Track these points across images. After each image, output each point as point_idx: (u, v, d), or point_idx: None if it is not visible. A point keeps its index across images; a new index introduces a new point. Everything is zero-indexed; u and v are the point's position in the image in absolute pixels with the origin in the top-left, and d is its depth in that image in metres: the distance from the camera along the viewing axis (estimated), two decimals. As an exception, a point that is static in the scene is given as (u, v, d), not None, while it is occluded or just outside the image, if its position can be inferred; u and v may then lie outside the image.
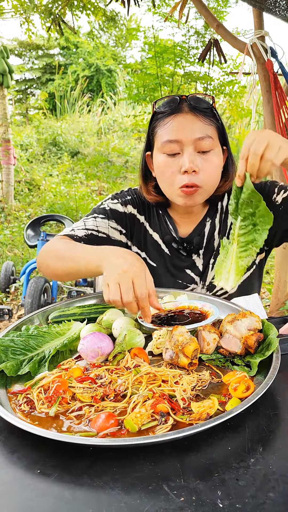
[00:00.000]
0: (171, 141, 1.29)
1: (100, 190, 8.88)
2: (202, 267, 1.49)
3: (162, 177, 1.34)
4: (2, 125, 7.38)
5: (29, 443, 0.73)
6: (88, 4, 4.26)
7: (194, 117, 1.30)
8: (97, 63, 14.03)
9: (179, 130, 1.28)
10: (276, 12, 2.15)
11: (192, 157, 1.27)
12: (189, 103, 1.31)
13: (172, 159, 1.30)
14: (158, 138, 1.34)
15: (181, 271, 1.48)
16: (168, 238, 1.48)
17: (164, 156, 1.31)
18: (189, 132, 1.28)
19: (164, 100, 1.36)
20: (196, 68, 5.86)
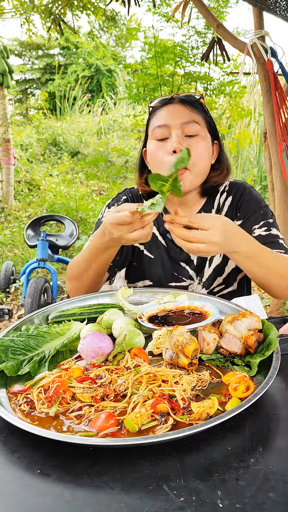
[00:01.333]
0: (160, 126, 1.38)
1: (100, 190, 8.88)
2: (197, 261, 1.50)
3: (153, 161, 1.41)
4: (2, 125, 7.38)
5: (29, 443, 0.73)
6: (88, 4, 4.26)
7: (182, 105, 1.40)
8: (97, 63, 14.04)
9: (167, 117, 1.39)
10: (277, 12, 2.15)
11: (179, 138, 1.35)
12: (179, 98, 1.42)
13: (162, 143, 1.38)
14: (150, 128, 1.44)
15: (177, 264, 1.51)
16: (163, 229, 1.51)
17: (155, 141, 1.40)
18: (176, 117, 1.37)
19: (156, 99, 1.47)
20: (197, 68, 5.85)
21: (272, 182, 2.92)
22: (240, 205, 1.48)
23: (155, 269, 1.52)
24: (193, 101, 1.42)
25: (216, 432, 0.74)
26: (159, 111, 1.42)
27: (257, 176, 8.09)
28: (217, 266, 1.49)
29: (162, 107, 1.42)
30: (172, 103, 1.41)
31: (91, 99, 13.72)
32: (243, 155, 8.52)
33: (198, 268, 1.50)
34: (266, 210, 1.47)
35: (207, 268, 1.50)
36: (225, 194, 1.52)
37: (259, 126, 8.12)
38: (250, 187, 1.53)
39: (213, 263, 1.50)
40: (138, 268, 1.55)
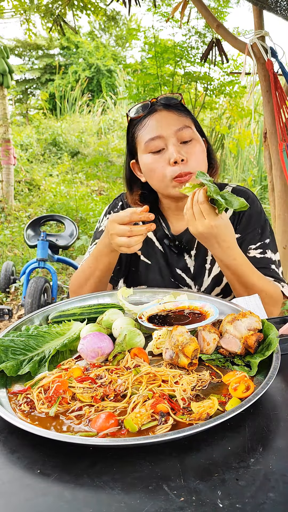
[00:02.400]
0: (153, 138, 1.34)
1: (100, 190, 8.89)
2: (194, 269, 1.48)
3: (152, 174, 1.37)
4: (2, 125, 7.38)
5: (29, 443, 0.73)
6: (88, 4, 4.26)
7: (169, 112, 1.36)
8: (97, 63, 14.04)
9: (158, 127, 1.34)
10: (277, 11, 2.15)
11: (177, 147, 1.32)
12: (160, 103, 1.38)
13: (159, 155, 1.34)
14: (140, 141, 1.38)
15: (173, 271, 1.49)
16: (161, 235, 1.51)
17: (150, 155, 1.35)
18: (168, 126, 1.34)
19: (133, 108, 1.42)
20: (197, 68, 5.86)
21: (272, 182, 2.92)
22: (241, 219, 1.46)
23: (152, 275, 1.51)
24: (177, 104, 1.39)
25: (216, 432, 0.74)
26: (146, 122, 1.37)
27: (257, 176, 8.09)
28: (216, 276, 1.48)
29: (147, 116, 1.37)
30: (157, 111, 1.37)
31: (91, 99, 13.72)
32: (243, 155, 8.52)
33: (195, 277, 1.49)
34: (265, 227, 1.46)
35: (206, 277, 1.48)
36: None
37: (259, 126, 8.12)
38: (252, 197, 1.50)
39: (212, 273, 1.48)
40: (135, 273, 1.55)
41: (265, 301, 1.28)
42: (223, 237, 1.18)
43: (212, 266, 1.49)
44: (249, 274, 1.26)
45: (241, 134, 7.43)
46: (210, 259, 1.48)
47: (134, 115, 1.41)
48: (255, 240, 1.43)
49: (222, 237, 1.18)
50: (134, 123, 1.42)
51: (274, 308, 1.35)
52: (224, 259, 1.23)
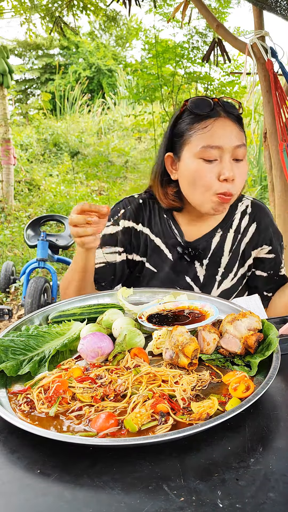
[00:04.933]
0: (213, 147, 1.25)
1: (100, 190, 8.89)
2: (204, 278, 1.46)
3: (196, 182, 1.29)
4: (2, 125, 7.38)
5: (29, 443, 0.73)
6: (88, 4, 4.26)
7: (232, 123, 1.28)
8: (98, 63, 14.04)
9: (220, 136, 1.26)
10: (278, 11, 2.15)
11: (232, 165, 1.27)
12: (224, 109, 1.29)
13: (210, 165, 1.27)
14: (194, 142, 1.28)
15: (182, 279, 1.46)
16: (173, 242, 1.45)
17: (201, 161, 1.27)
18: (229, 139, 1.26)
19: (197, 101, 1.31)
20: (197, 68, 5.86)
21: (272, 182, 2.92)
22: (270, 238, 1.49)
23: (156, 283, 1.48)
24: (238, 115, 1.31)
25: (216, 432, 0.74)
26: (208, 125, 1.26)
27: (257, 176, 8.09)
28: (225, 291, 1.48)
29: (209, 119, 1.27)
30: (220, 117, 1.28)
31: (91, 99, 13.72)
32: (243, 155, 8.50)
33: (204, 286, 1.47)
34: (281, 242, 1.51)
35: (215, 289, 1.47)
36: (247, 217, 1.48)
37: (259, 126, 8.12)
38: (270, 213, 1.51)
39: (222, 287, 1.48)
40: (138, 279, 1.52)
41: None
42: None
43: (223, 279, 1.47)
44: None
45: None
46: (222, 272, 1.46)
47: (198, 110, 1.29)
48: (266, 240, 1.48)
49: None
50: (189, 117, 1.31)
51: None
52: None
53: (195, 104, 1.30)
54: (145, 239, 1.48)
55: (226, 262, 1.47)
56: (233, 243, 1.47)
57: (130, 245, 1.49)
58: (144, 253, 1.49)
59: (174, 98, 6.14)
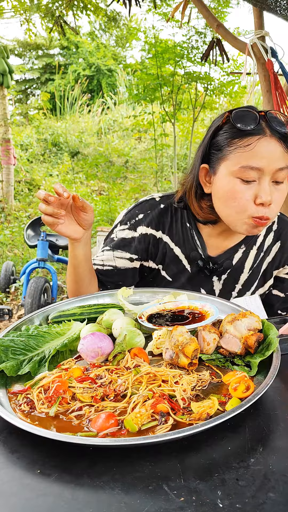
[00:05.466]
0: (253, 168, 1.17)
1: (100, 190, 8.89)
2: (219, 293, 1.43)
3: (231, 202, 1.22)
4: (2, 125, 7.38)
5: (29, 443, 0.73)
6: (89, 4, 4.26)
7: (277, 143, 1.17)
8: (98, 63, 14.04)
9: (263, 158, 1.16)
10: (277, 11, 2.15)
11: (271, 188, 1.19)
12: (269, 124, 1.18)
13: (247, 186, 1.19)
14: (234, 160, 1.19)
15: (197, 290, 1.43)
16: (195, 255, 1.40)
17: (238, 181, 1.19)
18: (272, 161, 1.17)
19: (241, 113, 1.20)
20: (197, 68, 5.86)
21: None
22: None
23: None
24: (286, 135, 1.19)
25: (216, 432, 0.74)
26: (251, 144, 1.16)
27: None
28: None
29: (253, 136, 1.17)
30: (266, 136, 1.17)
31: (91, 99, 13.72)
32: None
33: None
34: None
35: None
36: (272, 234, 1.43)
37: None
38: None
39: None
40: (151, 284, 1.48)
41: None
42: None
43: (239, 296, 1.44)
44: None
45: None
46: (239, 289, 1.44)
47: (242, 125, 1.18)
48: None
49: None
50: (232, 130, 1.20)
51: None
52: None
53: (239, 117, 1.19)
54: (164, 247, 1.42)
55: (245, 279, 1.43)
56: (254, 260, 1.43)
57: (146, 252, 1.43)
58: (160, 261, 1.43)
59: (174, 98, 6.15)
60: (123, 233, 1.43)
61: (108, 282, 1.44)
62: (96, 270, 1.43)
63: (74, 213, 1.25)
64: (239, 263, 1.42)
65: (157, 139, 7.39)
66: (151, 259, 1.44)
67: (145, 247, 1.42)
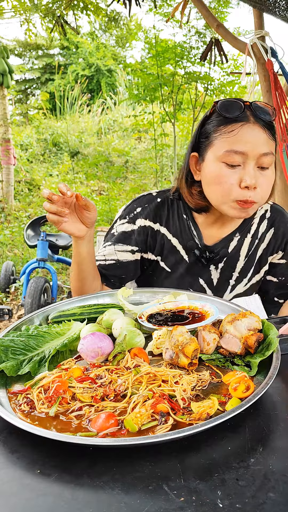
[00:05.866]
0: (237, 152, 1.22)
1: (100, 190, 8.89)
2: (217, 282, 1.46)
3: (217, 186, 1.27)
4: (2, 125, 7.38)
5: (29, 443, 0.73)
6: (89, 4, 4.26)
7: (261, 129, 1.23)
8: (97, 63, 14.03)
9: (246, 142, 1.22)
10: (276, 12, 2.15)
11: (255, 172, 1.23)
12: (254, 112, 1.24)
13: (232, 170, 1.24)
14: (218, 145, 1.25)
15: (195, 280, 1.46)
16: (191, 244, 1.44)
17: (223, 166, 1.24)
18: (256, 146, 1.22)
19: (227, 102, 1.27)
20: (197, 68, 5.86)
21: (272, 182, 2.92)
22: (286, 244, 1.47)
23: (169, 283, 1.47)
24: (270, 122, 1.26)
25: (216, 432, 0.74)
26: (235, 130, 1.22)
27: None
28: (239, 294, 1.47)
29: (237, 123, 1.22)
30: (249, 123, 1.22)
31: (91, 98, 13.71)
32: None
33: (216, 290, 1.46)
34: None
35: (228, 292, 1.47)
36: (265, 222, 1.47)
37: (259, 126, 8.09)
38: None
39: (235, 291, 1.47)
40: (151, 277, 1.51)
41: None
42: None
43: (237, 283, 1.47)
44: None
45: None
46: (236, 276, 1.46)
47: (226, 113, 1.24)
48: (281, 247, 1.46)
49: None
50: (217, 119, 1.27)
51: None
52: None
53: (224, 106, 1.25)
54: (162, 239, 1.46)
55: (241, 266, 1.46)
56: (249, 248, 1.46)
57: (145, 244, 1.47)
58: (159, 252, 1.47)
59: (174, 98, 6.15)
60: (122, 227, 1.47)
61: (111, 276, 1.47)
62: (99, 266, 1.46)
63: (77, 212, 1.27)
64: (235, 251, 1.45)
65: (157, 139, 7.39)
66: (150, 251, 1.48)
67: (144, 239, 1.46)
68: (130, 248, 1.46)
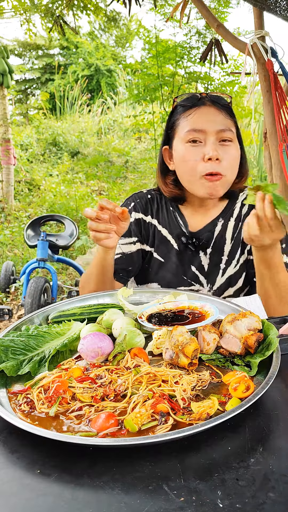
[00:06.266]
0: (196, 130, 1.34)
1: (100, 190, 8.89)
2: (208, 267, 1.50)
3: (184, 165, 1.37)
4: (2, 125, 7.38)
5: (29, 443, 0.73)
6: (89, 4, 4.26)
7: (217, 110, 1.36)
8: (97, 62, 14.03)
9: (203, 121, 1.34)
10: (277, 12, 2.15)
11: (215, 146, 1.33)
12: (210, 99, 1.38)
13: (195, 148, 1.34)
14: (180, 129, 1.38)
15: (188, 268, 1.51)
16: (178, 232, 1.52)
17: (187, 145, 1.35)
18: (213, 123, 1.34)
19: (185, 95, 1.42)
20: (197, 68, 5.86)
21: (272, 182, 2.92)
22: None
23: (163, 273, 1.52)
24: (225, 104, 1.39)
25: (216, 432, 0.74)
26: (192, 113, 1.37)
27: (257, 176, 8.10)
28: (231, 277, 1.50)
29: (194, 108, 1.37)
30: (205, 105, 1.37)
31: (91, 98, 13.71)
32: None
33: (208, 275, 1.50)
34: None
35: (220, 276, 1.50)
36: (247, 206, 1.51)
37: (260, 126, 8.11)
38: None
39: (227, 273, 1.50)
40: (147, 270, 1.57)
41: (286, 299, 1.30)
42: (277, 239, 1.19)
43: (227, 266, 1.50)
44: (281, 270, 1.28)
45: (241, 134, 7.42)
46: (225, 259, 1.50)
47: (182, 102, 1.40)
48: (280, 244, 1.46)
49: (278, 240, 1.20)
50: (178, 110, 1.42)
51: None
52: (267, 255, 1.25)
53: (182, 98, 1.41)
54: (154, 230, 1.55)
55: (229, 249, 1.50)
56: (234, 231, 1.51)
57: (141, 235, 1.55)
58: (152, 243, 1.55)
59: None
60: None
61: (119, 269, 1.53)
62: None
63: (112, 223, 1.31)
64: (220, 235, 1.51)
65: (157, 139, 7.39)
66: (145, 242, 1.56)
67: (139, 230, 1.55)
68: (131, 240, 1.54)
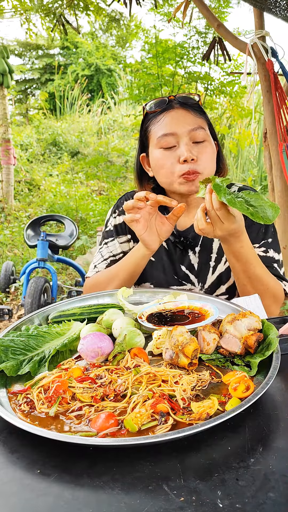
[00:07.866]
0: (167, 134, 1.35)
1: (100, 190, 8.89)
2: (198, 266, 1.50)
3: (160, 170, 1.38)
4: (2, 125, 7.38)
5: (29, 443, 0.73)
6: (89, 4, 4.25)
7: (185, 111, 1.37)
8: (97, 62, 14.03)
9: (173, 124, 1.35)
10: (277, 12, 2.15)
11: (189, 146, 1.34)
12: (178, 101, 1.39)
13: (169, 151, 1.35)
14: (153, 135, 1.39)
15: (178, 267, 1.51)
16: None
17: (161, 150, 1.37)
18: (183, 124, 1.34)
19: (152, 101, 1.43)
20: (197, 67, 5.86)
21: (272, 182, 2.92)
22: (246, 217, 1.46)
23: (156, 272, 1.52)
24: (194, 104, 1.40)
25: (216, 432, 0.74)
26: (161, 118, 1.38)
27: (257, 176, 8.09)
28: (221, 274, 1.49)
29: (163, 112, 1.38)
30: (173, 108, 1.38)
31: (91, 98, 13.71)
32: (243, 155, 8.53)
33: (199, 274, 1.49)
34: (268, 226, 1.47)
35: (210, 274, 1.49)
36: None
37: (260, 126, 8.11)
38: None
39: (217, 271, 1.49)
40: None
41: (267, 296, 1.29)
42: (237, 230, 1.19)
43: (217, 264, 1.50)
44: (254, 263, 1.27)
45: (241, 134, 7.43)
46: (215, 257, 1.50)
47: (150, 109, 1.42)
48: (259, 239, 1.44)
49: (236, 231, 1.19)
50: (149, 117, 1.43)
51: (276, 305, 1.36)
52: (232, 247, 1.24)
53: (150, 104, 1.43)
54: None
55: (218, 247, 1.50)
56: None
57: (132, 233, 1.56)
58: None
59: (174, 98, 6.12)
60: (116, 219, 1.59)
61: None
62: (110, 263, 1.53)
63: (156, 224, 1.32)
64: None
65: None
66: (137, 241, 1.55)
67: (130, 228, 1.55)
68: (126, 238, 1.56)
